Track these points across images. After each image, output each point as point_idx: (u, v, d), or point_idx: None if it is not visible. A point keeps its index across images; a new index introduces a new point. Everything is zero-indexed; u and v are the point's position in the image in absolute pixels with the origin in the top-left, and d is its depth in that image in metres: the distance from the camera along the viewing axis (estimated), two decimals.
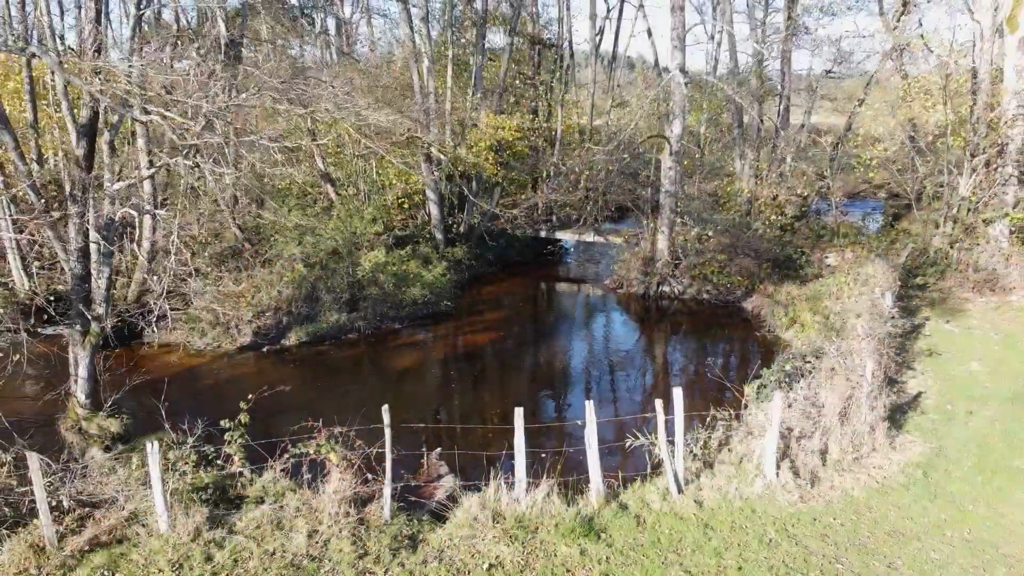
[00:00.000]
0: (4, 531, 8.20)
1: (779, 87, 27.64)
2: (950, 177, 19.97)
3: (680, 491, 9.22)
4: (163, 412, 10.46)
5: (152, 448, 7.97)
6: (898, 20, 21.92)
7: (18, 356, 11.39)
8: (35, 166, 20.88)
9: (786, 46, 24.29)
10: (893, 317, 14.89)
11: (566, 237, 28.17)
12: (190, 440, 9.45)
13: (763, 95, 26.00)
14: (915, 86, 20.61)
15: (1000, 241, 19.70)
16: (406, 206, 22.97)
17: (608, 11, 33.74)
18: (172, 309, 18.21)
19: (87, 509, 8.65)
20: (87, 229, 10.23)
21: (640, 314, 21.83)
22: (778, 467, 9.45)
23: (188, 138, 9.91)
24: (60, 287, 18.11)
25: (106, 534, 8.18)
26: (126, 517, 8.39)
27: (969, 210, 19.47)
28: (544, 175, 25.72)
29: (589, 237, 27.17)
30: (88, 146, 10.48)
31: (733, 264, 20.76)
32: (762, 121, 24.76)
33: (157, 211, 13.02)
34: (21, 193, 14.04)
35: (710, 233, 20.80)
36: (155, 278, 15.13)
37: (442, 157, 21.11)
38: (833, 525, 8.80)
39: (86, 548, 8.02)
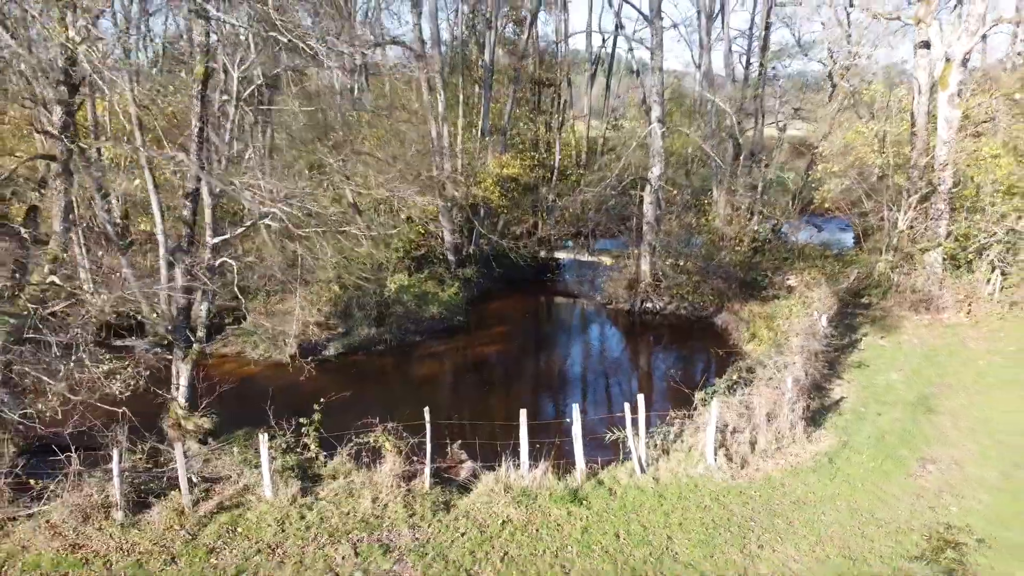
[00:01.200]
0: (152, 499, 11.27)
1: (755, 121, 30.76)
2: (890, 212, 23.02)
3: (643, 471, 12.26)
4: (254, 411, 13.53)
5: (263, 438, 11.05)
6: (841, 77, 24.99)
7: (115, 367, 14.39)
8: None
9: (757, 92, 27.34)
10: (828, 336, 17.91)
11: (563, 257, 31.27)
12: (281, 433, 12.45)
13: (739, 134, 29.03)
14: (859, 135, 23.65)
15: (935, 267, 22.72)
16: (423, 232, 26.01)
17: (604, 42, 36.93)
18: (228, 324, 21.45)
19: (209, 483, 11.72)
20: (192, 271, 13.28)
21: (626, 327, 24.89)
22: (716, 454, 12.48)
23: (268, 207, 12.96)
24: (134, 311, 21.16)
25: (228, 501, 11.25)
26: (240, 489, 11.46)
27: (907, 240, 22.51)
28: (543, 208, 28.83)
29: (583, 256, 30.28)
30: (192, 211, 13.55)
31: (706, 284, 23.83)
32: (736, 165, 27.78)
33: (242, 259, 16.00)
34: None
35: (681, 262, 23.87)
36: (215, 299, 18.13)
37: (455, 194, 24.18)
38: (753, 496, 11.84)
39: (213, 511, 11.08)
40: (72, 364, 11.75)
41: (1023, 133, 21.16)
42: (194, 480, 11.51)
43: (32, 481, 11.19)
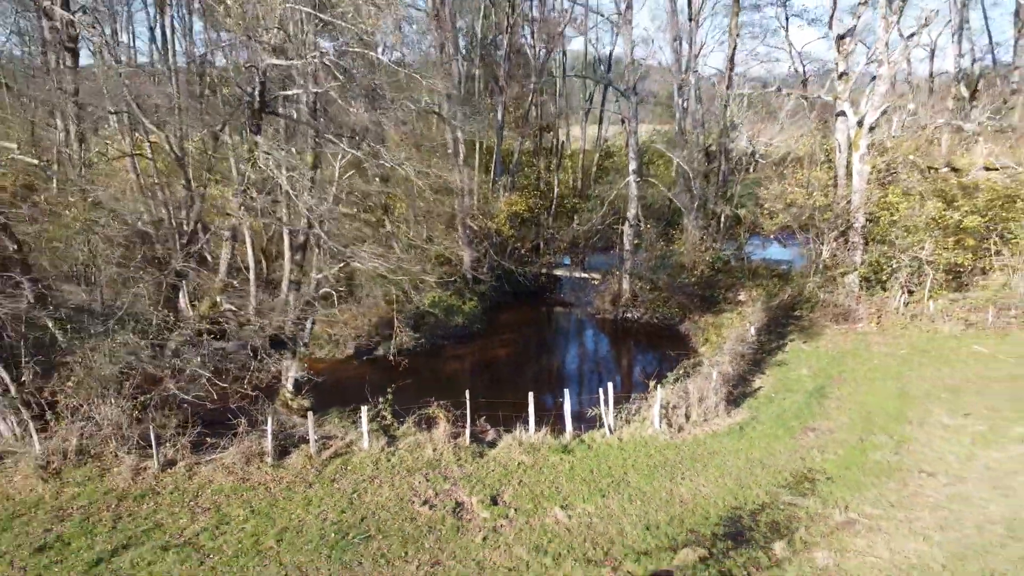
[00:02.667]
0: (291, 449, 16.97)
1: (720, 162, 36.47)
2: (816, 243, 28.74)
3: (611, 433, 17.95)
4: (332, 395, 19.16)
5: (364, 409, 16.77)
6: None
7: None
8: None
9: (722, 139, 33.05)
10: (756, 342, 23.59)
11: (560, 273, 36.98)
12: (369, 407, 18.08)
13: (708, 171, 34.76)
14: (792, 183, 29.39)
15: (852, 287, 28.42)
16: (448, 257, 31.71)
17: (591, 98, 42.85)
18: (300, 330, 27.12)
19: (324, 440, 17.42)
20: (303, 299, 18.96)
21: (610, 332, 30.60)
22: (660, 423, 18.16)
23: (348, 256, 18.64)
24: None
25: (339, 450, 16.95)
26: (346, 443, 17.17)
27: (828, 266, 28.22)
28: (543, 237, 34.61)
29: (577, 274, 36.01)
30: (302, 257, 19.22)
31: (673, 300, 29.54)
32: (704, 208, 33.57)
33: (336, 288, 21.61)
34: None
35: (654, 282, 29.61)
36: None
37: (473, 226, 29.89)
38: (683, 449, 17.52)
39: (331, 456, 16.76)
40: (229, 364, 17.49)
41: (917, 184, 26.85)
42: (315, 438, 17.21)
43: (208, 439, 16.91)
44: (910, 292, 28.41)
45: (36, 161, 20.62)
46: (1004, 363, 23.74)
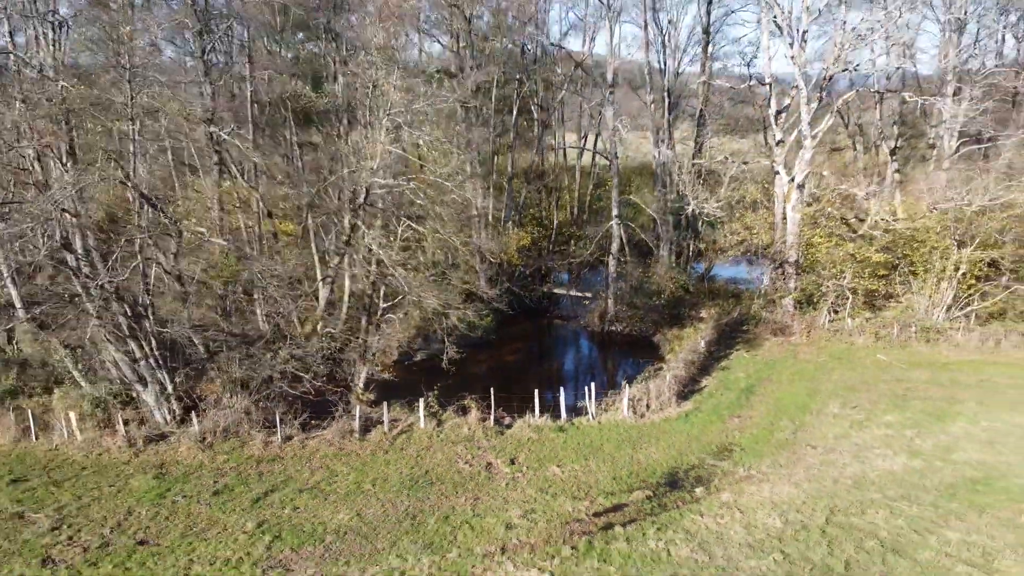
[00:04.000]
0: (370, 427, 24.05)
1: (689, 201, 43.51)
2: (759, 272, 35.85)
3: (593, 419, 25.02)
4: (385, 391, 26.24)
5: (421, 401, 23.88)
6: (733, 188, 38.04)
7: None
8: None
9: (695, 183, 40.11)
10: (706, 352, 30.63)
11: (559, 292, 44.07)
12: (424, 398, 25.11)
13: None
14: (741, 226, 36.49)
15: (788, 307, 35.51)
16: (469, 281, 38.79)
17: (585, 136, 50.01)
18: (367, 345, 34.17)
19: (392, 422, 24.49)
20: (374, 322, 26.00)
21: (598, 343, 37.66)
22: (628, 411, 25.23)
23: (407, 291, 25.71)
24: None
25: (403, 429, 24.02)
26: (408, 424, 24.26)
27: (769, 291, 35.30)
28: (545, 264, 41.78)
29: (573, 293, 43.10)
30: (372, 292, 26.27)
31: (648, 317, 36.58)
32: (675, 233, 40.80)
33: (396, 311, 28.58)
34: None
35: (633, 302, 36.74)
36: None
37: (490, 259, 36.99)
38: (643, 430, 24.59)
39: (398, 433, 23.82)
40: (322, 368, 24.56)
41: (836, 229, 33.93)
42: (387, 420, 24.28)
43: (313, 421, 24.00)
44: (835, 312, 35.52)
45: (224, 242, 27.56)
46: (896, 368, 30.84)
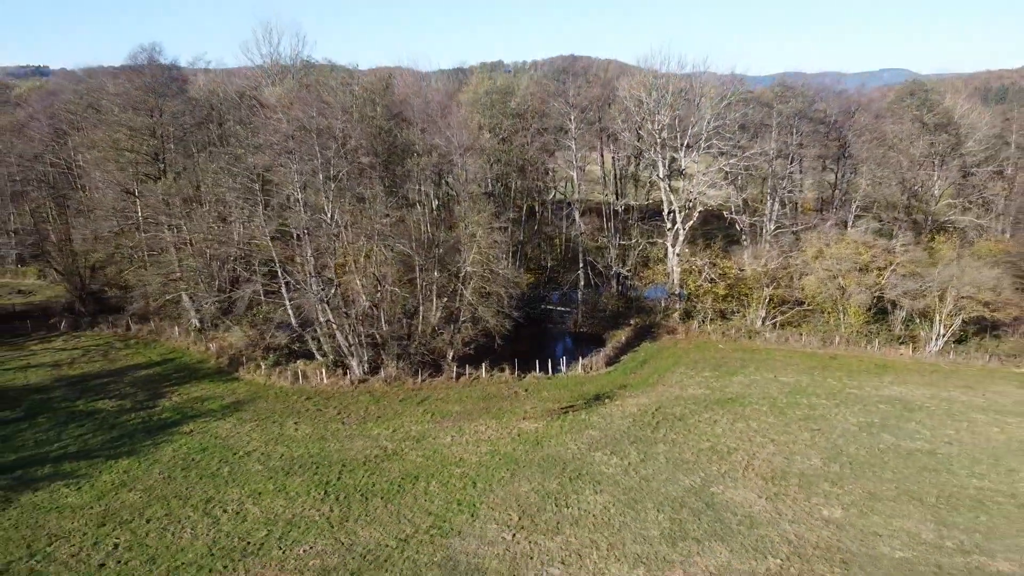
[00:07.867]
0: (459, 377, 49.72)
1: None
2: (665, 296, 61.40)
3: (565, 374, 50.66)
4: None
5: (483, 365, 49.66)
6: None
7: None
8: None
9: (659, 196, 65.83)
10: (626, 342, 56.25)
11: (551, 308, 69.68)
12: (483, 364, 50.57)
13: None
14: (651, 271, 61.75)
15: (676, 319, 61.20)
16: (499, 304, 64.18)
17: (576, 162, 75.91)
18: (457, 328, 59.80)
19: (470, 374, 50.13)
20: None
21: (573, 338, 63.30)
22: (581, 370, 50.82)
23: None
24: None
25: (474, 377, 49.73)
26: (476, 375, 49.95)
27: (667, 308, 60.86)
28: (541, 290, 67.42)
29: (560, 308, 68.77)
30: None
31: (604, 322, 62.08)
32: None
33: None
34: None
35: (591, 314, 62.33)
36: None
37: (512, 292, 62.38)
38: (588, 379, 50.07)
39: (468, 380, 49.54)
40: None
41: (713, 275, 59.48)
42: (467, 373, 49.90)
43: (432, 374, 49.77)
44: (703, 321, 61.18)
45: (405, 293, 53.59)
46: (725, 352, 56.44)
